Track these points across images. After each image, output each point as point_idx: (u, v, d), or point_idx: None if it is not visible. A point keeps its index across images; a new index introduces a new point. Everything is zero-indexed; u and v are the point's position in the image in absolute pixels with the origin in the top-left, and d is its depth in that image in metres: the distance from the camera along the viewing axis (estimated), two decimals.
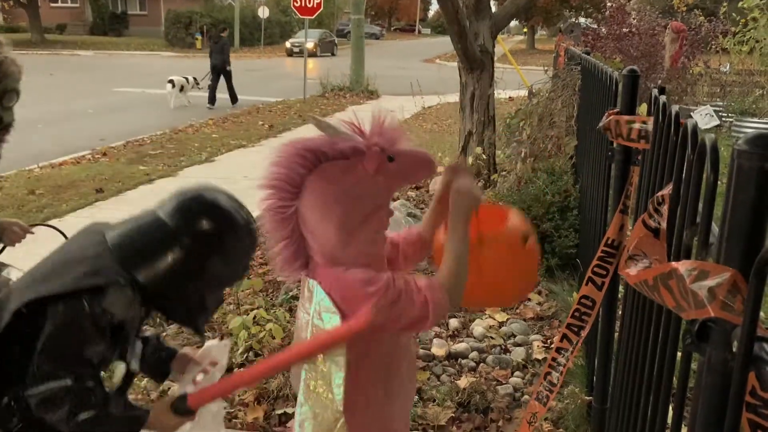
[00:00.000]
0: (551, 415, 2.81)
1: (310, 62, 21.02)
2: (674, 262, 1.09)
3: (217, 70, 14.27)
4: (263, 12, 33.72)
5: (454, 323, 3.64)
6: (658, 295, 1.15)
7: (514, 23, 39.66)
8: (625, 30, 11.05)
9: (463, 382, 3.02)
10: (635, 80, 2.27)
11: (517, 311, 3.83)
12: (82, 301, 1.42)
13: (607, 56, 10.31)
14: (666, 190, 1.54)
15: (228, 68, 14.26)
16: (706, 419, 1.10)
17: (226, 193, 1.62)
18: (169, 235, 1.50)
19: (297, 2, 14.71)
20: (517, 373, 3.18)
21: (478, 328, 3.57)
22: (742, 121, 9.15)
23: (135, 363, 1.70)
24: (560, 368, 2.45)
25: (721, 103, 10.27)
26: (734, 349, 0.97)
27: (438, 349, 3.33)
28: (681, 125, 1.43)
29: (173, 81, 13.70)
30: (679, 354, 1.47)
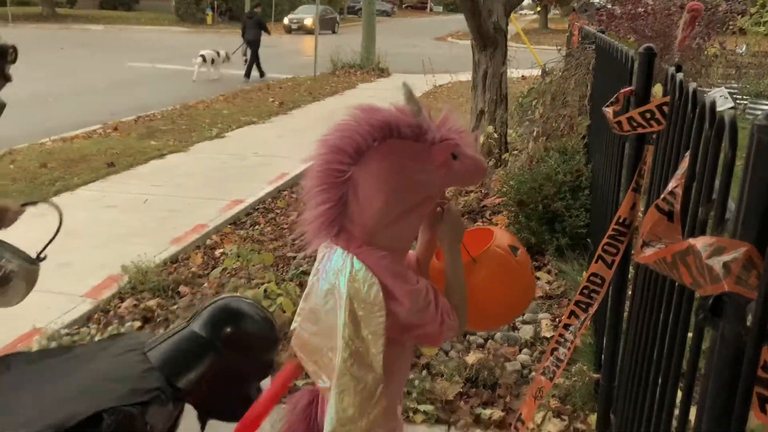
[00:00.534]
0: (558, 391, 2.84)
1: (309, 40, 20.87)
2: (691, 239, 1.09)
3: (253, 45, 14.86)
4: None
5: None
6: (676, 273, 1.15)
7: (527, 1, 39.21)
8: (640, 10, 10.90)
9: (471, 358, 3.05)
10: (651, 58, 2.26)
11: None
12: (133, 414, 1.56)
13: (621, 36, 10.18)
14: (679, 175, 1.54)
15: (260, 43, 14.85)
16: (716, 394, 1.11)
17: (247, 300, 1.94)
18: (205, 345, 1.74)
19: None
20: (524, 351, 3.20)
21: None
22: (757, 104, 9.07)
23: None
24: (567, 344, 2.46)
25: (736, 85, 10.16)
26: (748, 323, 0.97)
27: None
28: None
29: (204, 56, 14.25)
30: (689, 335, 1.48)
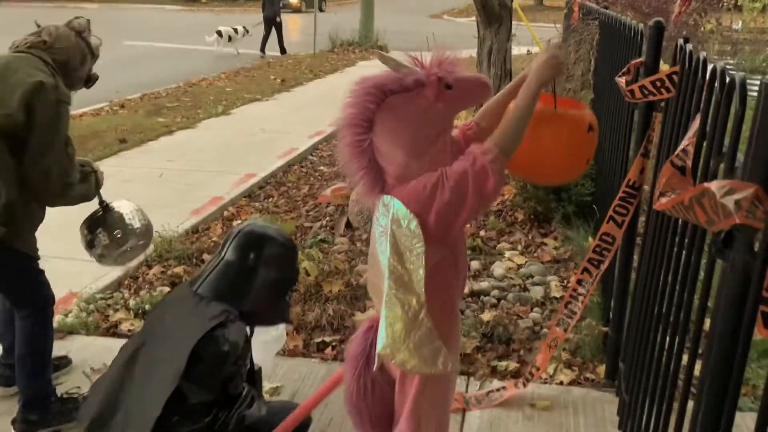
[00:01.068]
0: (569, 345, 3.05)
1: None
2: (706, 183, 1.28)
3: (269, 22, 15.30)
4: None
5: (475, 264, 3.86)
6: (692, 213, 1.34)
7: None
8: None
9: (486, 316, 3.26)
10: (660, 31, 2.43)
11: (535, 254, 4.05)
12: (218, 336, 1.82)
13: (618, 12, 10.31)
14: (690, 134, 1.73)
15: (278, 20, 15.34)
16: (727, 315, 1.31)
17: (266, 224, 2.16)
18: (245, 269, 1.98)
19: None
20: (536, 309, 3.41)
21: (498, 269, 3.79)
22: (752, 80, 9.22)
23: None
24: (580, 297, 2.66)
25: (732, 62, 10.31)
26: (755, 249, 1.17)
27: None
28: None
29: (221, 31, 15.00)
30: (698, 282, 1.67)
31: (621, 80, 2.53)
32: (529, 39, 11.08)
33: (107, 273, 3.92)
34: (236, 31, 15.37)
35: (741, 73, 1.37)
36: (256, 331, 2.12)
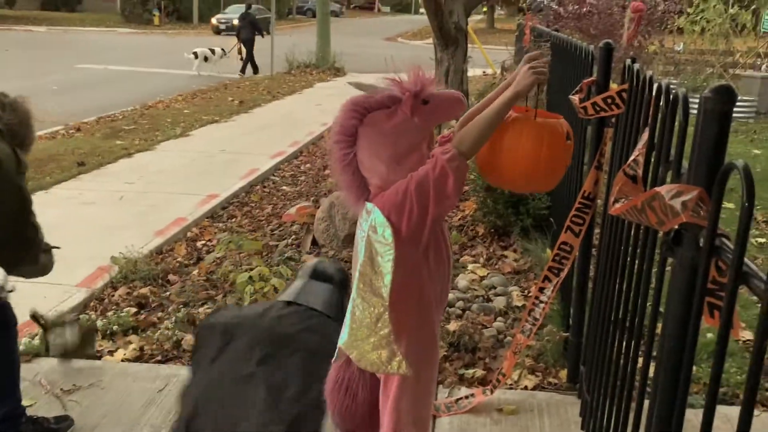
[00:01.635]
0: (532, 352, 3.17)
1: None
2: (657, 188, 1.42)
3: (247, 43, 16.11)
4: None
5: None
6: (644, 216, 1.47)
7: None
8: (585, 10, 11.46)
9: (452, 326, 3.36)
10: (610, 52, 2.61)
11: (496, 266, 4.19)
12: (333, 327, 2.03)
13: (567, 34, 10.70)
14: (640, 146, 1.87)
15: (254, 42, 16.09)
16: (676, 307, 1.44)
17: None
18: (336, 290, 2.31)
19: None
20: (499, 319, 3.53)
21: (462, 281, 3.91)
22: (693, 98, 9.67)
23: None
24: (542, 305, 2.79)
25: (675, 81, 10.80)
26: (701, 245, 1.30)
27: None
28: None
29: (196, 53, 15.77)
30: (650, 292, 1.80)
31: (574, 98, 2.69)
32: (483, 61, 11.41)
33: (72, 295, 3.90)
34: (213, 52, 15.96)
35: (683, 89, 1.51)
36: None
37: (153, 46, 16.04)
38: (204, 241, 4.89)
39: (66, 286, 3.96)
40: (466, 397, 2.85)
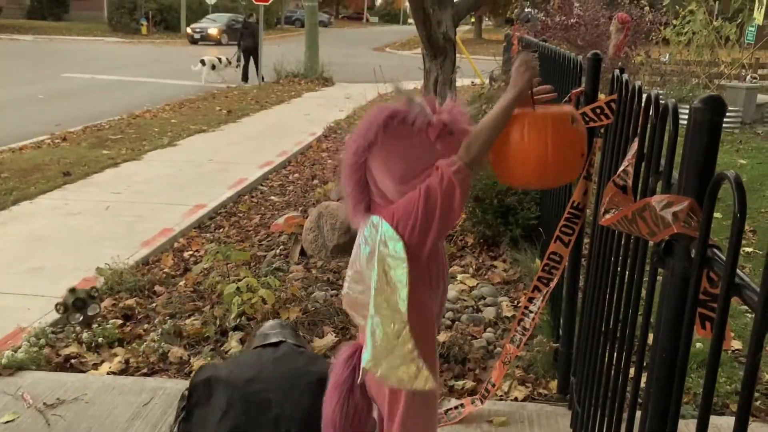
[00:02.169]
0: (522, 362, 3.15)
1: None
2: (648, 198, 1.41)
3: (248, 52, 16.32)
4: None
5: None
6: (635, 226, 1.46)
7: None
8: (572, 21, 11.56)
9: (442, 337, 3.34)
10: (598, 63, 2.61)
11: (486, 277, 4.18)
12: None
13: (554, 44, 10.78)
14: (629, 156, 1.87)
15: (258, 50, 16.13)
16: (669, 318, 1.43)
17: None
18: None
19: None
20: (489, 329, 3.51)
21: (451, 292, 3.89)
22: (681, 107, 9.77)
23: None
24: (531, 315, 2.78)
25: (662, 92, 10.89)
26: (692, 256, 1.29)
27: None
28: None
29: (204, 60, 15.86)
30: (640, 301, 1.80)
31: None
32: (471, 71, 11.45)
33: None
34: (220, 60, 16.17)
35: (672, 99, 1.51)
36: None
37: (140, 55, 15.98)
38: (191, 252, 4.84)
39: (49, 297, 3.89)
40: (456, 407, 2.82)
